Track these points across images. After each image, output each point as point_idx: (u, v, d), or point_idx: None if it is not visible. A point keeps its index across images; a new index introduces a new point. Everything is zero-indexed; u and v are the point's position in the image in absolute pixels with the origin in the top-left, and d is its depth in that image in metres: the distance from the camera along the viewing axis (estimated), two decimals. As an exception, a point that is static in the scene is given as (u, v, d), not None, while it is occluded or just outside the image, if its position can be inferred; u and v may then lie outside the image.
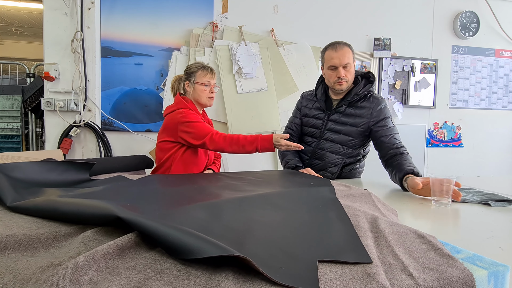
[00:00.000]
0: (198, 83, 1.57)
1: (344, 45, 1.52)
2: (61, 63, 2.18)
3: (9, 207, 0.66)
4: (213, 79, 1.61)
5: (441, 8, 2.90)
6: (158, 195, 0.79)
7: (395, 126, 1.54)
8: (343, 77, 1.48)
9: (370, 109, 1.51)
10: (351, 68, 1.51)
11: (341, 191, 0.92)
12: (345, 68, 1.49)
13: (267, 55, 2.49)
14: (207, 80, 1.57)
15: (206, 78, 1.57)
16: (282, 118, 2.51)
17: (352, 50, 1.52)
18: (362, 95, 1.53)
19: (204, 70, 1.59)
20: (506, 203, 1.05)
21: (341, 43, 1.53)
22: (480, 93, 3.06)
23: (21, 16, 5.12)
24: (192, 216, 0.59)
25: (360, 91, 1.52)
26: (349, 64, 1.49)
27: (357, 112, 1.52)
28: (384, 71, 2.80)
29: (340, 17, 2.70)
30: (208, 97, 1.59)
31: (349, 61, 1.49)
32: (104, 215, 0.50)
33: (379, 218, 0.62)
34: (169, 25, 2.39)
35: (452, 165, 3.02)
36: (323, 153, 1.57)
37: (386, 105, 1.56)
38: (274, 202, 0.72)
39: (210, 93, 1.59)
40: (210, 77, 1.59)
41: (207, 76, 1.58)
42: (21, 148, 2.45)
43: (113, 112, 2.33)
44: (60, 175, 0.93)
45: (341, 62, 1.47)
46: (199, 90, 1.57)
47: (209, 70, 1.61)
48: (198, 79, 1.57)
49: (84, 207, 0.55)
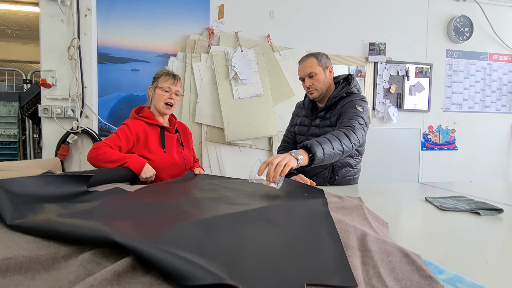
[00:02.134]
0: (158, 87, 1.57)
1: (309, 56, 1.59)
2: (58, 70, 2.19)
3: (9, 226, 0.67)
4: (174, 85, 1.58)
5: (435, 13, 2.94)
6: (154, 210, 0.81)
7: (362, 114, 1.45)
8: (310, 86, 1.57)
9: (344, 103, 1.53)
10: (318, 76, 1.56)
11: (333, 203, 0.94)
12: (311, 78, 1.56)
13: (263, 60, 2.52)
14: (167, 85, 1.56)
15: (166, 84, 1.56)
16: (278, 123, 2.54)
17: (318, 59, 1.56)
18: (341, 97, 1.56)
19: (167, 76, 1.58)
20: (495, 212, 1.08)
21: (306, 55, 1.60)
22: (474, 96, 3.10)
23: (17, 19, 5.11)
24: (188, 234, 0.61)
25: (337, 94, 1.57)
26: (314, 73, 1.55)
27: (334, 112, 1.57)
28: (379, 76, 2.83)
29: (336, 22, 2.73)
30: (165, 102, 1.57)
31: (312, 70, 1.55)
32: (102, 238, 0.52)
33: (368, 235, 0.64)
34: (165, 31, 2.40)
35: (446, 168, 3.06)
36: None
37: (362, 99, 1.52)
38: (268, 217, 0.74)
39: (168, 99, 1.57)
40: (171, 83, 1.57)
41: (168, 81, 1.56)
42: (19, 154, 2.45)
43: (110, 118, 2.35)
44: (58, 188, 0.95)
45: (304, 73, 1.57)
46: (157, 95, 1.57)
47: (172, 77, 1.59)
48: (159, 83, 1.57)
49: (83, 229, 0.56)
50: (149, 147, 1.51)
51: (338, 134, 1.32)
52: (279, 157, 1.07)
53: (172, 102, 1.58)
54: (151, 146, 1.51)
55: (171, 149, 1.58)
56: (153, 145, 1.52)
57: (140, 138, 1.51)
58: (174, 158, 1.56)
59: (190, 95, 2.42)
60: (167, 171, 1.52)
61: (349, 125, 1.38)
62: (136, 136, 1.50)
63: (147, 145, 1.51)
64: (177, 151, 1.60)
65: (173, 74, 1.60)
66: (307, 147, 1.20)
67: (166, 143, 1.56)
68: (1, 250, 0.55)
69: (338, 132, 1.33)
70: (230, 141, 2.46)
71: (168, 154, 1.55)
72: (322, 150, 1.21)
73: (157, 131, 1.57)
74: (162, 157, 1.52)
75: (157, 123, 1.57)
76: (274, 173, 1.01)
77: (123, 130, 1.49)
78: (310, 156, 1.19)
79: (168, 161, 1.54)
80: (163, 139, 1.56)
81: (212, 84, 2.43)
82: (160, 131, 1.57)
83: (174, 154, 1.57)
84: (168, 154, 1.55)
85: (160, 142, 1.55)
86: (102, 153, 1.37)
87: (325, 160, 1.23)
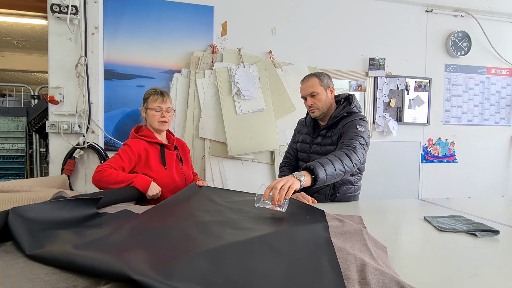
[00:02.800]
0: (149, 109, 1.61)
1: (311, 76, 1.64)
2: (66, 86, 2.25)
3: (28, 255, 0.71)
4: (164, 103, 1.61)
5: (433, 29, 3.00)
6: (163, 237, 0.85)
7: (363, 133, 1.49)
8: (312, 105, 1.62)
9: (344, 122, 1.58)
10: (319, 96, 1.60)
11: (334, 227, 0.98)
12: (313, 97, 1.61)
13: (265, 76, 2.57)
14: (157, 105, 1.59)
15: (156, 103, 1.59)
16: (280, 137, 2.58)
17: (320, 79, 1.61)
18: (342, 116, 1.60)
19: (155, 95, 1.61)
20: (492, 233, 1.11)
21: (309, 75, 1.65)
22: (473, 109, 3.15)
23: (24, 30, 5.21)
24: (196, 266, 0.65)
25: (338, 114, 1.61)
26: (316, 93, 1.60)
27: (335, 131, 1.61)
28: (379, 90, 2.88)
29: (336, 38, 2.79)
30: (159, 121, 1.60)
31: (314, 90, 1.60)
32: (118, 272, 0.56)
33: (367, 265, 0.68)
34: (170, 48, 2.47)
35: (446, 180, 3.09)
36: None
37: (362, 119, 1.56)
38: (272, 245, 0.78)
39: (161, 118, 1.60)
40: (161, 102, 1.60)
41: (158, 101, 1.60)
42: (25, 169, 2.50)
43: (115, 133, 2.40)
44: (70, 212, 0.99)
45: (306, 92, 1.62)
46: (150, 115, 1.61)
47: (160, 95, 1.62)
48: (149, 104, 1.61)
49: (99, 262, 0.60)
50: (150, 165, 1.56)
51: (340, 155, 1.36)
52: (283, 181, 1.11)
53: (165, 120, 1.62)
54: (152, 164, 1.56)
55: (171, 166, 1.63)
56: (154, 163, 1.57)
57: (141, 157, 1.56)
58: (174, 175, 1.61)
59: (193, 110, 2.47)
60: (168, 187, 1.57)
61: (350, 146, 1.42)
62: (138, 155, 1.55)
63: (148, 163, 1.56)
64: (177, 168, 1.65)
65: (161, 92, 1.64)
66: (309, 168, 1.24)
67: (166, 160, 1.61)
68: (24, 283, 0.59)
69: (339, 152, 1.37)
70: (233, 155, 2.50)
71: (169, 171, 1.60)
72: (324, 171, 1.25)
73: (157, 149, 1.61)
74: (163, 175, 1.57)
75: (156, 141, 1.61)
76: (278, 196, 1.05)
77: (125, 150, 1.54)
78: (312, 177, 1.23)
79: (169, 177, 1.59)
80: (163, 156, 1.61)
81: (215, 99, 2.49)
82: (160, 149, 1.62)
83: (174, 171, 1.62)
84: (169, 171, 1.60)
85: (161, 160, 1.60)
86: (107, 175, 1.42)
87: (327, 180, 1.27)
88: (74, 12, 2.16)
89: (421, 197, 3.01)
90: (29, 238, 0.77)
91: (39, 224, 0.87)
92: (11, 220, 0.80)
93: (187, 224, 0.97)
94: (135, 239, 0.82)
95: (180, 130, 2.47)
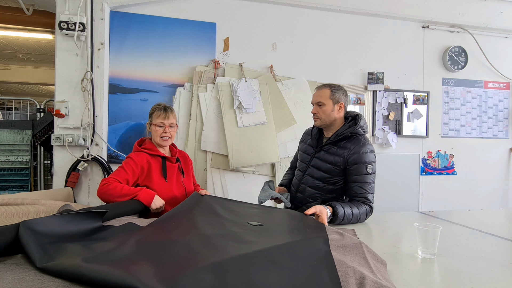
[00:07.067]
0: (153, 124, 1.67)
1: (325, 86, 1.66)
2: (71, 100, 2.30)
3: (38, 268, 0.74)
4: (167, 119, 1.66)
5: (430, 44, 3.07)
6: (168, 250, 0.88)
7: (371, 174, 1.56)
8: (315, 113, 1.65)
9: (350, 151, 1.57)
10: (325, 107, 1.61)
11: (334, 240, 1.00)
12: (319, 106, 1.63)
13: (266, 90, 2.63)
14: (160, 121, 1.65)
15: (159, 120, 1.65)
16: (281, 150, 2.62)
17: (332, 91, 1.61)
18: (346, 135, 1.60)
19: (159, 111, 1.67)
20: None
21: (324, 85, 1.68)
22: (471, 122, 3.19)
23: (29, 44, 5.33)
24: (202, 280, 0.67)
25: (342, 132, 1.60)
26: (322, 103, 1.62)
27: (339, 151, 1.59)
28: (378, 103, 2.93)
29: (336, 53, 2.86)
30: (161, 137, 1.66)
31: (322, 100, 1.62)
32: (127, 286, 0.59)
33: (366, 278, 0.70)
34: (173, 62, 2.53)
35: (446, 192, 3.11)
36: (304, 187, 1.69)
37: (368, 150, 1.57)
38: (273, 259, 0.81)
39: (163, 133, 1.66)
40: (163, 118, 1.65)
41: (161, 117, 1.65)
42: (30, 181, 2.53)
43: (119, 145, 2.44)
44: (77, 226, 1.02)
45: (315, 100, 1.66)
46: (153, 131, 1.67)
47: (163, 111, 1.67)
48: (153, 120, 1.67)
49: (108, 276, 0.63)
50: (151, 177, 1.60)
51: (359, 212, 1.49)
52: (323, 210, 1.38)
53: (168, 136, 1.68)
54: (153, 176, 1.61)
55: (172, 178, 1.67)
56: (156, 175, 1.62)
57: (144, 169, 1.60)
58: (175, 187, 1.66)
59: (196, 123, 2.51)
60: (168, 200, 1.60)
61: (363, 198, 1.55)
62: (141, 168, 1.59)
63: (150, 175, 1.60)
64: (177, 180, 1.70)
65: (165, 108, 1.69)
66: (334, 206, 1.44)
67: (167, 172, 1.65)
68: (36, 296, 0.62)
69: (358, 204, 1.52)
70: (234, 168, 2.53)
71: (169, 183, 1.65)
72: (343, 210, 1.43)
73: (159, 161, 1.66)
74: (163, 187, 1.61)
75: (158, 153, 1.66)
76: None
77: (129, 163, 1.58)
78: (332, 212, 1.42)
79: (169, 190, 1.63)
80: (164, 169, 1.65)
81: (217, 113, 2.54)
82: (162, 161, 1.67)
83: (174, 183, 1.67)
84: (169, 183, 1.65)
85: (162, 172, 1.64)
86: (112, 188, 1.45)
87: (344, 219, 1.44)
88: (81, 29, 2.23)
89: (421, 209, 3.02)
90: (39, 251, 0.80)
91: (48, 237, 0.89)
92: (21, 233, 0.83)
93: (191, 238, 1.00)
94: (141, 252, 0.85)
95: (182, 143, 2.50)
